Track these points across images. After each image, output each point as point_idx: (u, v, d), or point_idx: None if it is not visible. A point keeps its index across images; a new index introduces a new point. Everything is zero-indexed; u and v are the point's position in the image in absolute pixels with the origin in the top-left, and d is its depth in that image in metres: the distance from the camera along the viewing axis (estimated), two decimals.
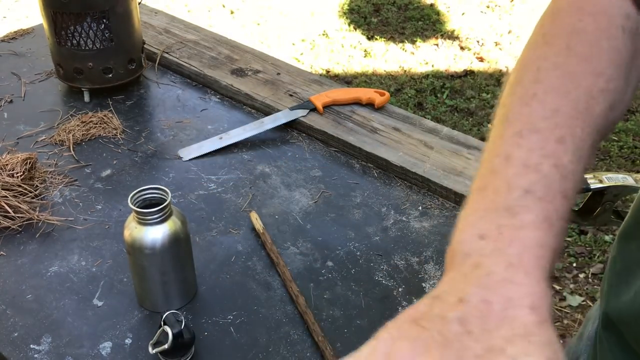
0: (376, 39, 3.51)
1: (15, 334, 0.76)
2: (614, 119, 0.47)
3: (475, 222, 0.40)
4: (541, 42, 0.49)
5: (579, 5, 0.49)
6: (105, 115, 1.17)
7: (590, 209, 1.01)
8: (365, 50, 3.39)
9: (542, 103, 0.45)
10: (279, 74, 1.31)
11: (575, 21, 0.48)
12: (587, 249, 2.12)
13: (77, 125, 1.14)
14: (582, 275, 2.03)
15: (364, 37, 3.53)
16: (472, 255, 0.38)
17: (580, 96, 0.45)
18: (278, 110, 1.18)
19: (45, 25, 1.17)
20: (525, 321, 0.34)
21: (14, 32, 1.48)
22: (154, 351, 0.70)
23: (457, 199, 0.99)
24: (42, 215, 0.93)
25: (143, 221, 0.73)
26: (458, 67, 3.24)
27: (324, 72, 3.20)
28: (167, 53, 1.36)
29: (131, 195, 0.74)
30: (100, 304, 0.81)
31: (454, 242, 0.41)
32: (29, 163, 0.96)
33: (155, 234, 0.74)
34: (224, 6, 3.85)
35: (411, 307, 0.37)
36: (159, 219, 0.73)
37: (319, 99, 1.18)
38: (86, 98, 1.22)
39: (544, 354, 0.33)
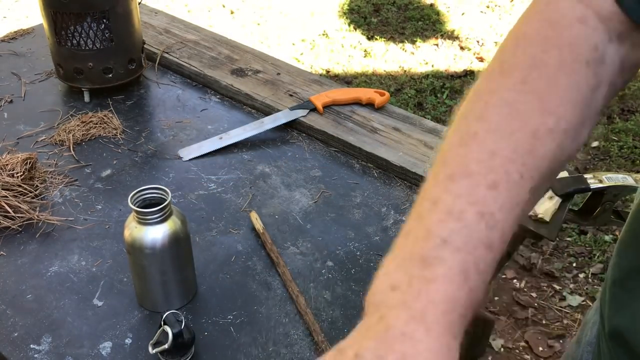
0: (376, 39, 3.51)
1: (15, 334, 0.76)
2: (565, 158, 0.45)
3: (390, 272, 0.39)
4: (497, 72, 0.46)
5: (546, 34, 0.46)
6: (105, 115, 1.17)
7: (590, 209, 1.01)
8: (365, 50, 3.39)
9: (480, 144, 0.42)
10: (279, 74, 1.31)
11: (537, 52, 0.45)
12: (587, 249, 2.12)
13: (77, 125, 1.14)
14: (582, 275, 2.03)
15: (364, 37, 3.53)
16: (380, 308, 0.38)
17: (524, 137, 0.42)
18: (278, 110, 1.18)
19: (45, 25, 1.17)
20: None
21: (14, 32, 1.48)
22: (154, 351, 0.70)
23: None
24: (42, 215, 0.93)
25: (143, 221, 0.73)
26: (458, 67, 3.24)
27: (324, 72, 3.20)
28: (167, 53, 1.36)
29: (131, 195, 0.74)
30: (100, 304, 0.81)
31: (370, 291, 0.40)
32: (29, 163, 0.96)
33: (155, 234, 0.74)
34: (224, 6, 3.85)
35: (319, 358, 0.38)
36: (159, 219, 0.73)
37: (319, 99, 1.18)
38: (86, 98, 1.22)
39: None
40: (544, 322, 1.88)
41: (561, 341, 1.81)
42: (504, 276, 2.05)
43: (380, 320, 0.37)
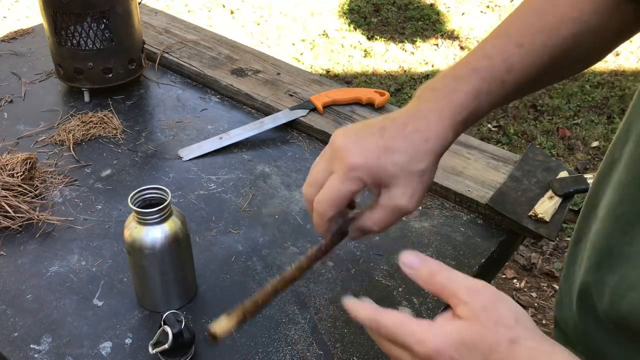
0: (376, 39, 3.51)
1: (15, 334, 0.76)
2: (583, 47, 0.60)
3: (435, 81, 0.60)
4: None
5: None
6: (105, 115, 1.17)
7: None
8: (365, 50, 3.39)
9: (519, 17, 0.61)
10: (279, 74, 1.31)
11: None
12: None
13: (77, 125, 1.14)
14: None
15: (364, 37, 3.53)
16: (420, 98, 0.59)
17: (551, 19, 0.59)
18: (278, 110, 1.18)
19: (46, 25, 1.17)
20: (414, 137, 0.57)
21: (14, 32, 1.48)
22: (154, 351, 0.70)
23: (457, 199, 0.99)
24: (42, 215, 0.93)
25: (143, 221, 0.73)
26: None
27: (324, 72, 3.20)
28: (167, 53, 1.36)
29: (131, 195, 0.74)
30: (100, 304, 0.81)
31: (418, 89, 0.61)
32: (29, 163, 0.96)
33: (155, 234, 0.74)
34: (224, 6, 3.85)
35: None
36: (159, 219, 0.73)
37: (319, 99, 1.18)
38: (86, 98, 1.22)
39: (406, 144, 0.56)
40: (544, 322, 1.88)
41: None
42: (504, 276, 2.05)
43: (417, 105, 0.59)
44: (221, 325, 0.55)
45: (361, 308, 0.51)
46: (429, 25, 3.66)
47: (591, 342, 0.63)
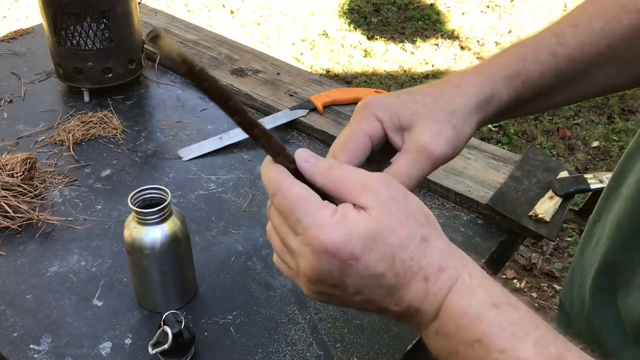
0: (376, 39, 3.51)
1: (15, 334, 0.76)
2: None
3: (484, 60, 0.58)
4: None
5: None
6: (105, 115, 1.17)
7: (590, 209, 1.01)
8: (365, 50, 3.39)
9: (579, 7, 0.58)
10: (279, 74, 1.31)
11: None
12: None
13: (77, 125, 1.14)
14: None
15: (364, 37, 3.53)
16: (450, 74, 0.57)
17: (614, 4, 0.56)
18: (278, 110, 1.18)
19: (45, 25, 1.17)
20: (443, 85, 0.54)
21: (14, 32, 1.48)
22: (154, 351, 0.70)
23: (457, 199, 0.99)
24: (42, 215, 0.93)
25: (143, 221, 0.73)
26: (458, 67, 3.24)
27: (324, 72, 3.20)
28: None
29: (131, 195, 0.74)
30: (100, 304, 0.81)
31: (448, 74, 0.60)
32: (29, 163, 0.96)
33: (155, 234, 0.73)
34: (224, 6, 3.85)
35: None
36: (158, 219, 0.73)
37: (319, 99, 1.18)
38: (86, 98, 1.22)
39: (433, 89, 0.54)
40: None
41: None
42: (504, 276, 2.05)
43: (446, 80, 0.55)
44: (172, 43, 0.37)
45: (272, 168, 0.43)
46: (429, 25, 3.65)
47: (597, 323, 0.62)
